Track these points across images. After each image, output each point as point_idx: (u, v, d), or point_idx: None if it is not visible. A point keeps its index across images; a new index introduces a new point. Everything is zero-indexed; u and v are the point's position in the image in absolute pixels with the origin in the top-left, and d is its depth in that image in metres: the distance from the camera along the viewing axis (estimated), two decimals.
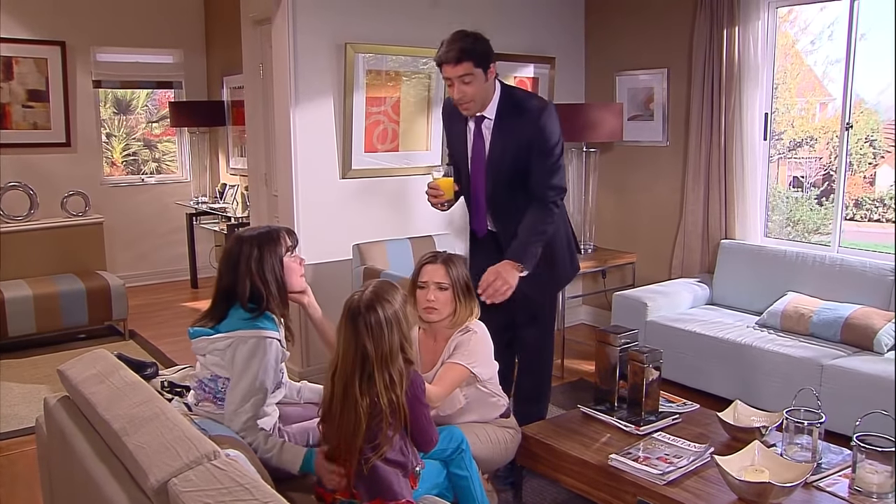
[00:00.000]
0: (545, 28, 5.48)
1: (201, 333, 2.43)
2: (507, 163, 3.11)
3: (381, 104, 4.68)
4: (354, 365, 2.19)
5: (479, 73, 2.98)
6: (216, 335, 2.41)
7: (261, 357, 2.37)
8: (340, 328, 2.25)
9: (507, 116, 3.10)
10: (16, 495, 3.37)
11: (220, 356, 2.40)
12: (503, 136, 3.11)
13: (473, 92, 3.01)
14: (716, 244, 4.89)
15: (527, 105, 3.10)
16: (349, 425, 2.16)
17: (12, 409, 4.29)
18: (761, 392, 3.87)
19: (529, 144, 3.06)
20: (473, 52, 2.95)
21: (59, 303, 5.35)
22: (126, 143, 8.16)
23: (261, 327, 2.39)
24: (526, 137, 3.05)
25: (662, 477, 2.50)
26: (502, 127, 3.10)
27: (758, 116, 4.69)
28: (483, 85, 3.02)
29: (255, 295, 2.43)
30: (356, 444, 2.16)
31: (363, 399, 2.15)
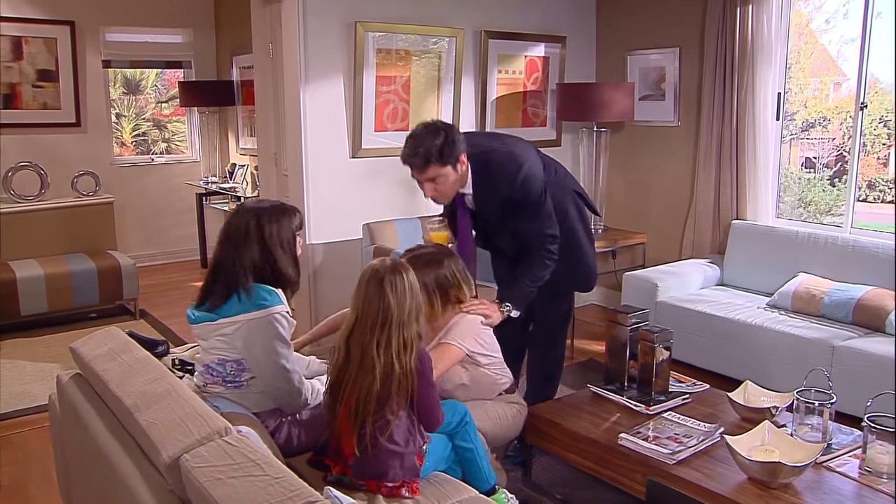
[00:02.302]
0: (556, 7, 5.43)
1: (204, 319, 2.39)
2: (493, 213, 3.14)
3: (391, 83, 4.66)
4: (375, 325, 2.17)
5: (447, 170, 2.89)
6: (221, 320, 2.35)
7: (276, 333, 2.34)
8: (361, 290, 2.23)
9: (479, 180, 3.06)
10: (30, 472, 3.40)
11: (226, 340, 2.36)
12: (482, 195, 3.10)
13: (447, 189, 2.97)
14: (727, 225, 4.86)
15: (498, 172, 3.02)
16: (364, 388, 2.15)
17: (25, 386, 4.32)
18: (772, 373, 3.86)
19: (513, 203, 3.04)
20: (438, 155, 2.84)
21: (70, 282, 5.38)
22: (136, 123, 8.17)
23: (265, 305, 2.35)
24: (506, 194, 3.03)
25: (672, 456, 2.50)
26: (479, 188, 3.08)
27: (770, 96, 4.65)
28: (456, 178, 2.95)
29: (263, 268, 2.40)
30: (370, 407, 2.15)
31: (379, 360, 2.15)
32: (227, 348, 2.37)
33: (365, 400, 2.15)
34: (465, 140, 2.96)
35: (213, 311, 2.38)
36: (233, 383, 2.40)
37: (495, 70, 5.12)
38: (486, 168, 3.04)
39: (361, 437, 2.16)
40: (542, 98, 5.44)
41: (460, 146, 2.90)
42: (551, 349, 3.51)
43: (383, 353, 2.16)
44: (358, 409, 2.16)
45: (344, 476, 2.23)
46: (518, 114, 5.34)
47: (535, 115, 5.44)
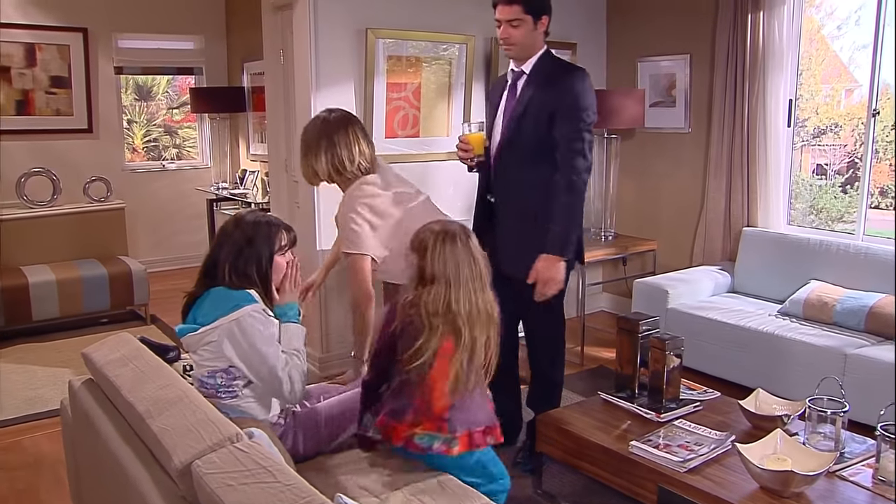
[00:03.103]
0: (566, 13, 5.43)
1: (188, 331, 2.40)
2: (529, 119, 3.09)
3: (401, 90, 4.66)
4: (454, 282, 2.27)
5: (528, 19, 3.02)
6: (202, 328, 2.36)
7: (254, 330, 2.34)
8: (434, 254, 2.29)
9: (543, 75, 3.10)
10: (41, 476, 3.42)
11: (212, 349, 2.36)
12: (533, 93, 3.10)
13: (518, 36, 3.04)
14: (738, 232, 4.85)
15: (565, 69, 3.12)
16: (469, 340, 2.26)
17: (36, 391, 4.34)
18: (783, 381, 3.84)
19: (557, 107, 3.02)
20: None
21: (81, 287, 5.40)
22: (147, 130, 8.21)
23: (239, 305, 2.35)
24: (556, 100, 3.03)
25: (683, 464, 2.49)
26: (535, 84, 3.10)
27: (782, 103, 4.63)
28: (530, 33, 3.05)
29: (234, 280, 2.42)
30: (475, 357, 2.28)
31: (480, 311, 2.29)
32: (215, 357, 2.36)
33: (471, 351, 2.26)
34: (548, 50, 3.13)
35: (195, 322, 2.40)
36: (228, 393, 2.39)
37: None
38: (551, 62, 3.14)
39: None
40: None
41: (547, 8, 3.08)
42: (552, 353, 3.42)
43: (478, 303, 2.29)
44: (461, 363, 2.25)
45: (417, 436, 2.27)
46: None
47: None
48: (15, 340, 5.21)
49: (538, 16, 3.05)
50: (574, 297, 5.72)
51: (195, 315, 2.44)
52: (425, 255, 2.31)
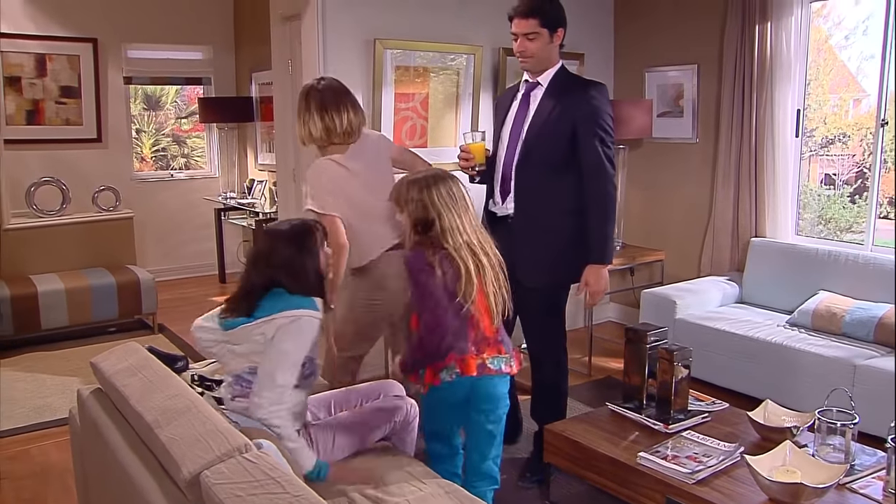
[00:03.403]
0: (574, 24, 5.37)
1: (239, 323, 2.40)
2: (548, 132, 3.11)
3: (409, 100, 4.68)
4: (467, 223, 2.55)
5: (544, 32, 3.07)
6: (257, 321, 2.36)
7: (301, 335, 2.35)
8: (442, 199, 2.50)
9: (561, 88, 3.13)
10: (49, 485, 3.42)
11: (259, 342, 2.36)
12: (552, 105, 3.12)
13: (535, 49, 3.09)
14: (745, 242, 4.84)
15: (584, 82, 3.18)
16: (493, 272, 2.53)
17: (45, 400, 4.35)
18: (792, 392, 3.83)
19: (579, 121, 3.06)
20: (542, 11, 3.06)
21: (90, 296, 5.42)
22: (155, 139, 8.24)
23: (304, 306, 2.38)
24: (577, 113, 3.06)
25: (691, 476, 2.48)
26: (553, 97, 3.13)
27: (790, 113, 4.63)
28: (546, 46, 3.10)
29: (297, 291, 2.43)
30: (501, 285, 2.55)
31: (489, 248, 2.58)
32: (260, 350, 2.37)
33: (499, 282, 2.52)
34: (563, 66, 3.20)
35: (249, 315, 2.40)
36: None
37: None
38: (568, 76, 3.21)
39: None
40: None
41: (563, 20, 3.13)
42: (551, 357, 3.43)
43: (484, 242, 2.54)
44: (495, 292, 2.51)
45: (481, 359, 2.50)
46: None
47: None
48: (24, 349, 5.22)
49: (554, 29, 3.10)
50: (582, 307, 5.72)
51: (249, 308, 2.43)
52: (424, 200, 2.49)
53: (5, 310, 5.09)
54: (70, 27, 6.74)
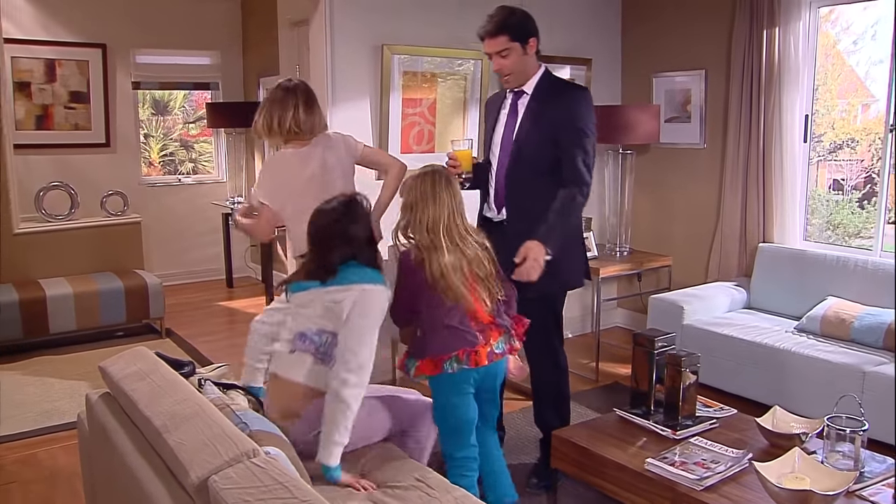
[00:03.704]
0: (582, 30, 5.46)
1: (309, 286, 2.53)
2: (534, 139, 3.14)
3: (417, 105, 4.69)
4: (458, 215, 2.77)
5: (516, 46, 3.07)
6: (332, 287, 2.48)
7: (375, 309, 2.48)
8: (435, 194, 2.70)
9: (544, 95, 3.16)
10: (57, 489, 3.43)
11: (333, 308, 2.46)
12: (536, 113, 3.16)
13: (511, 65, 3.10)
14: (753, 248, 4.82)
15: (564, 88, 3.18)
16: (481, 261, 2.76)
17: (54, 404, 4.37)
18: (800, 398, 3.81)
19: (559, 126, 3.08)
20: (509, 26, 3.06)
21: (98, 301, 5.44)
22: (163, 144, 8.28)
23: (376, 280, 2.51)
24: (557, 119, 3.09)
25: (700, 482, 2.47)
26: (537, 104, 3.16)
27: (798, 118, 4.62)
28: (521, 58, 3.10)
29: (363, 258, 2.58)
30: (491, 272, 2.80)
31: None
32: (331, 317, 2.47)
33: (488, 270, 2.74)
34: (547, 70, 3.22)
35: (323, 282, 2.52)
36: (322, 357, 2.49)
37: None
38: (551, 82, 3.20)
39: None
40: None
41: (532, 30, 3.12)
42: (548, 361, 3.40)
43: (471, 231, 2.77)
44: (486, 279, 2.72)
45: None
46: None
47: None
48: (32, 353, 5.24)
49: (525, 40, 3.10)
50: (589, 312, 5.71)
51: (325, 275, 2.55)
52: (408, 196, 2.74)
53: (14, 314, 5.11)
54: (79, 33, 6.77)
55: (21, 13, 6.51)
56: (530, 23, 3.13)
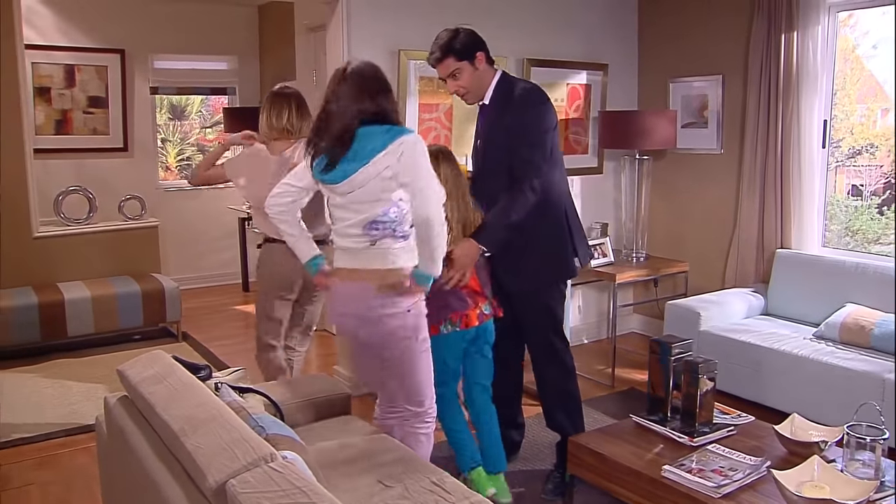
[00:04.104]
0: (598, 35, 5.45)
1: (355, 169, 2.54)
2: (494, 146, 3.19)
3: (433, 111, 4.69)
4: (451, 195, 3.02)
5: (464, 65, 3.13)
6: (373, 159, 2.52)
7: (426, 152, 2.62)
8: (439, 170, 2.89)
9: (499, 102, 3.20)
10: (74, 491, 3.45)
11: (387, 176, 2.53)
12: (492, 121, 3.22)
13: (466, 83, 3.16)
14: (771, 253, 4.79)
15: (514, 91, 3.19)
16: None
17: (71, 407, 4.40)
18: (819, 406, 3.77)
19: (510, 128, 3.13)
20: (452, 48, 3.12)
21: (116, 304, 5.48)
22: (180, 148, 8.33)
23: (405, 132, 2.60)
24: (509, 122, 3.13)
25: (717, 490, 2.45)
26: (493, 111, 3.22)
27: (816, 123, 4.59)
28: (474, 74, 3.16)
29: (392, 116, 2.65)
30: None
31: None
32: (390, 186, 2.56)
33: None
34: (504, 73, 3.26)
35: (360, 159, 2.54)
36: (402, 234, 2.63)
37: None
38: (504, 88, 3.21)
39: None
40: (583, 125, 5.44)
41: (477, 45, 3.15)
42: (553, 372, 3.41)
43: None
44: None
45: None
46: (560, 141, 5.29)
47: (577, 142, 5.44)
48: (50, 356, 5.28)
49: (472, 56, 3.13)
50: (605, 318, 5.70)
51: (349, 160, 2.57)
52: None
53: (33, 316, 5.15)
54: (98, 38, 6.84)
55: (42, 19, 6.58)
56: (472, 38, 3.16)
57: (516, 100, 3.16)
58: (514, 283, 3.31)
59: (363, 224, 2.62)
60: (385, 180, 2.56)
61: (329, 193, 2.70)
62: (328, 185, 2.65)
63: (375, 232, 2.62)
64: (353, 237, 2.66)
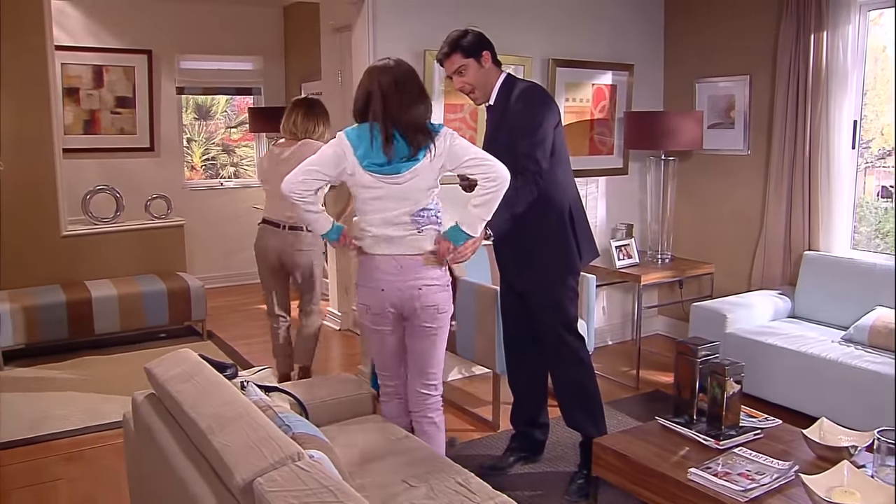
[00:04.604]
0: (623, 35, 5.42)
1: (417, 160, 2.74)
2: (499, 146, 3.20)
3: (458, 111, 4.69)
4: None
5: (470, 62, 3.19)
6: (427, 152, 2.74)
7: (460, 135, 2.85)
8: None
9: (503, 101, 3.26)
10: (102, 487, 3.49)
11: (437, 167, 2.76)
12: (497, 120, 3.28)
13: (471, 80, 3.23)
14: (798, 255, 4.74)
15: (514, 89, 3.24)
16: None
17: (98, 403, 4.44)
18: (848, 410, 3.72)
19: (512, 125, 3.18)
20: (459, 45, 3.19)
21: (142, 303, 5.53)
22: (205, 148, 8.39)
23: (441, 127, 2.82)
24: (511, 120, 3.19)
25: (744, 494, 2.42)
26: (498, 111, 3.27)
27: (845, 124, 4.53)
28: (480, 72, 3.22)
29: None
30: None
31: None
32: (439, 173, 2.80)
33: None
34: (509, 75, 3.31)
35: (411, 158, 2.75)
36: (440, 220, 2.87)
37: (563, 98, 5.12)
38: (507, 87, 3.27)
39: None
40: (609, 126, 5.42)
41: (484, 45, 3.22)
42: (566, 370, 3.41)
43: None
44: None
45: None
46: (585, 142, 5.32)
47: (602, 143, 5.41)
48: (78, 353, 5.34)
49: (478, 54, 3.20)
50: (630, 320, 5.67)
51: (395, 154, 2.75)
52: None
53: (61, 314, 5.22)
54: (126, 39, 6.92)
55: (71, 21, 6.66)
56: (479, 38, 3.23)
57: (517, 98, 3.21)
58: (523, 282, 3.38)
59: (412, 213, 2.81)
60: (436, 170, 2.78)
61: (372, 185, 2.79)
62: (385, 175, 2.77)
63: (422, 219, 2.82)
64: (400, 225, 2.82)
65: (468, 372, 4.96)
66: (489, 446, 3.87)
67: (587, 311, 4.27)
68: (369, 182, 2.79)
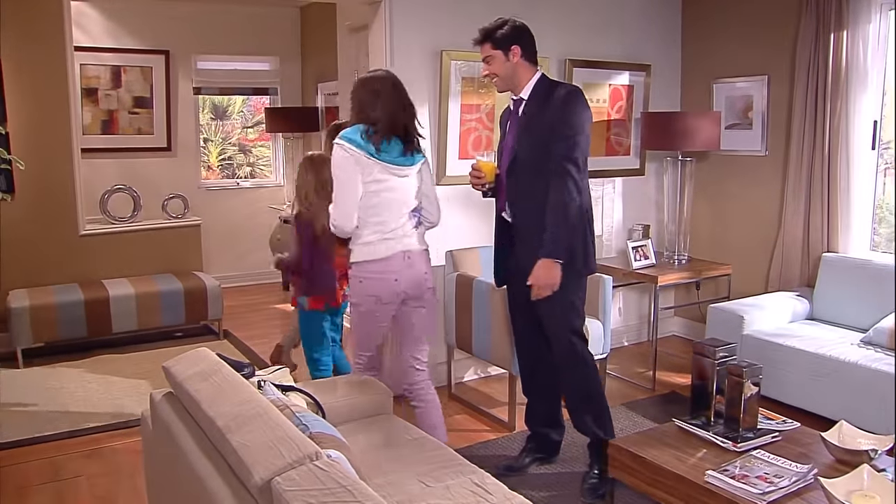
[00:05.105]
0: (641, 35, 5.40)
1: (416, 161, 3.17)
2: (530, 141, 3.25)
3: (475, 111, 4.69)
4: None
5: (497, 54, 3.26)
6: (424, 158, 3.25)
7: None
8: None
9: (539, 99, 3.28)
10: (119, 484, 3.51)
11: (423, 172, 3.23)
12: (531, 116, 3.28)
13: (495, 70, 3.29)
14: (816, 257, 4.70)
15: (554, 90, 3.26)
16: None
17: (117, 402, 4.47)
18: (866, 413, 3.69)
19: (550, 126, 3.19)
20: (491, 36, 3.26)
21: (159, 302, 5.56)
22: (222, 148, 8.43)
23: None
24: (549, 119, 3.20)
25: (763, 497, 2.41)
26: (532, 107, 3.29)
27: (865, 124, 4.49)
28: (504, 65, 3.27)
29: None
30: None
31: None
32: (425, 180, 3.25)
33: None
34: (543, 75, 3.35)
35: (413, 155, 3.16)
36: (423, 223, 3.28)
37: None
38: (544, 86, 3.30)
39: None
40: (625, 126, 5.40)
41: (517, 39, 3.26)
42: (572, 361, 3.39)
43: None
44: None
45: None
46: (602, 142, 5.30)
47: (619, 143, 5.40)
48: (95, 351, 5.38)
49: (507, 48, 3.24)
50: (646, 321, 5.65)
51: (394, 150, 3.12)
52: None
53: (79, 312, 5.25)
54: (144, 40, 6.96)
55: (90, 21, 6.71)
56: (515, 32, 3.26)
57: (563, 98, 3.20)
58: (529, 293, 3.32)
59: (412, 210, 3.20)
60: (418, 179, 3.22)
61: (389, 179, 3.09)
62: (405, 165, 3.12)
63: (417, 216, 3.23)
64: (409, 223, 3.20)
65: (484, 372, 4.96)
66: (505, 447, 3.86)
67: (603, 312, 4.25)
68: (380, 175, 3.07)
